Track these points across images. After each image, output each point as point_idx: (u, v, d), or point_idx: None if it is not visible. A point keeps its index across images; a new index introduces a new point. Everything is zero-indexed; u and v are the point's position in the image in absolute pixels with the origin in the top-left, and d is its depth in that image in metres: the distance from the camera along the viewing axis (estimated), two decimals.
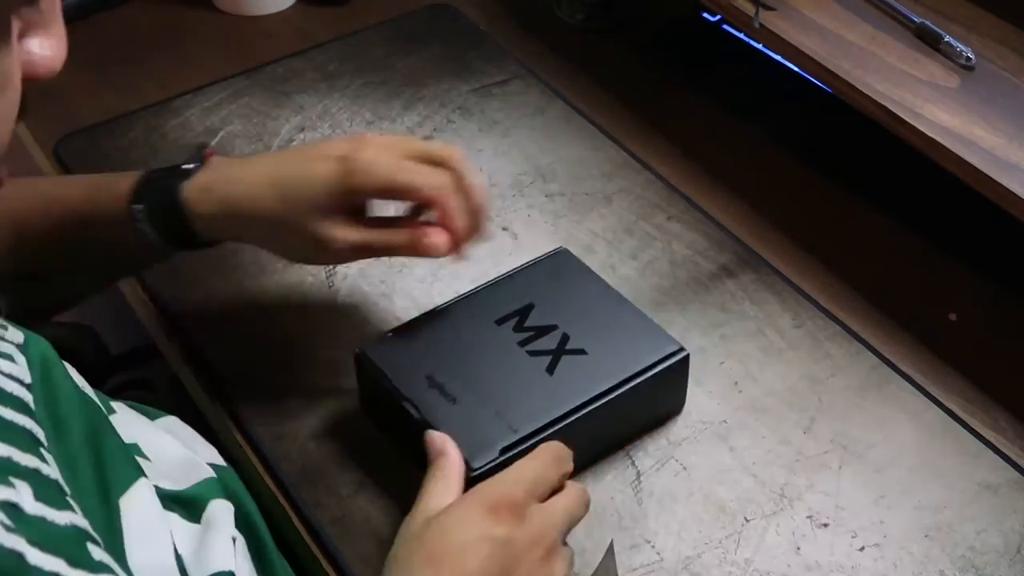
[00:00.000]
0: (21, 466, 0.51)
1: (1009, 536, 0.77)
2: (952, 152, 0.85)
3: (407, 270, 0.95)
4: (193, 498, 0.66)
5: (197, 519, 0.66)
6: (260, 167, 0.81)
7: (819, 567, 0.76)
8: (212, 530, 0.65)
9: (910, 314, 0.93)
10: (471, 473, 0.73)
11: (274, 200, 0.79)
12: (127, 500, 0.60)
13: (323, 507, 0.79)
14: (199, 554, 0.63)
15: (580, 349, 0.81)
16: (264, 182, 0.79)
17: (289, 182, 0.79)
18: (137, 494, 0.61)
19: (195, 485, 0.67)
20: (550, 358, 0.80)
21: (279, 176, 0.79)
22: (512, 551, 0.66)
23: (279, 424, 0.84)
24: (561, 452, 0.72)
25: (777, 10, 0.98)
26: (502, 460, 0.74)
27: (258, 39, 1.22)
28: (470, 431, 0.75)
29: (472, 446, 0.74)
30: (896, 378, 0.87)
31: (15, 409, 0.55)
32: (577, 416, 0.77)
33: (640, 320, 0.84)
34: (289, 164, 0.80)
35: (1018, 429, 0.85)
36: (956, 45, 0.93)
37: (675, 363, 0.81)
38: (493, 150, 1.07)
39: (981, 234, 0.98)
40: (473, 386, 0.78)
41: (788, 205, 1.03)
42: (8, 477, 0.49)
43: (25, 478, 0.50)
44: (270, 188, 0.79)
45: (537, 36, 1.23)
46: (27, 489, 0.49)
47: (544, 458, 0.71)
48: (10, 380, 0.56)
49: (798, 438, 0.83)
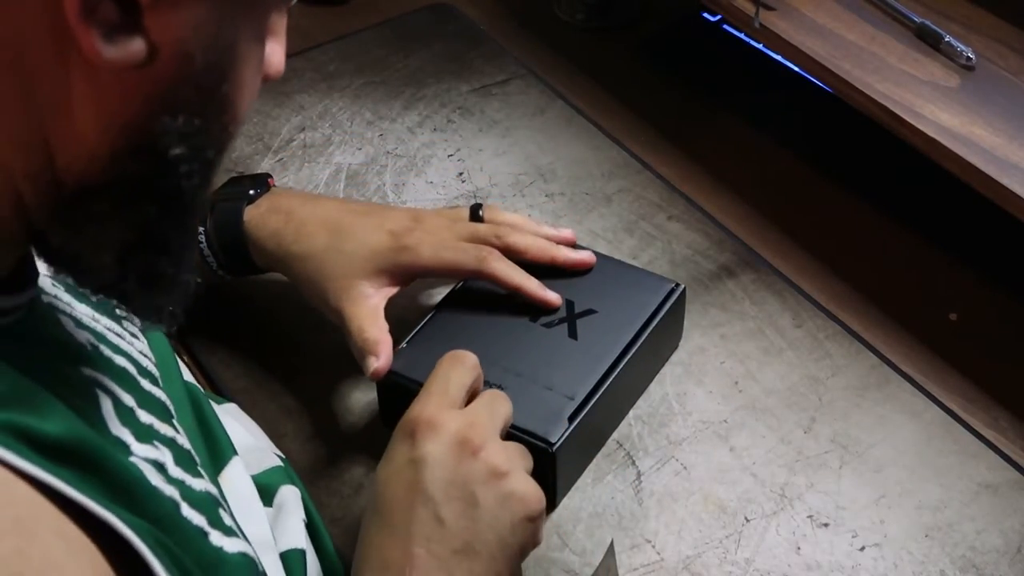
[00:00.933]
0: (161, 434, 0.56)
1: (1009, 536, 0.77)
2: (952, 152, 0.85)
3: None
4: (266, 482, 0.72)
5: (270, 503, 0.71)
6: (320, 210, 0.84)
7: (819, 567, 0.76)
8: (284, 512, 0.70)
9: (910, 314, 0.93)
10: (551, 449, 0.74)
11: (324, 248, 0.82)
12: (225, 477, 0.65)
13: (323, 507, 0.79)
14: (274, 532, 0.68)
15: (590, 310, 0.83)
16: (320, 226, 0.83)
17: (344, 235, 0.82)
18: (234, 472, 0.67)
19: (266, 471, 0.73)
20: (567, 325, 0.82)
21: (336, 226, 0.83)
22: (438, 461, 0.63)
23: (279, 424, 0.84)
24: (458, 355, 0.70)
25: (777, 10, 0.98)
26: (573, 428, 0.75)
27: None
28: (532, 412, 0.76)
29: (541, 424, 0.75)
30: (896, 378, 0.87)
31: (151, 383, 0.60)
32: (619, 367, 0.80)
33: (629, 270, 0.87)
34: (349, 217, 0.83)
35: (1018, 429, 0.85)
36: (956, 45, 0.93)
37: (677, 298, 0.85)
38: (493, 150, 1.07)
39: (981, 234, 0.98)
40: (513, 370, 0.79)
41: (788, 205, 1.03)
42: (153, 441, 0.53)
43: (166, 444, 0.55)
44: (325, 234, 0.82)
45: (537, 36, 1.23)
46: (168, 454, 0.54)
47: (441, 368, 0.69)
48: (144, 356, 0.62)
49: (798, 438, 0.83)
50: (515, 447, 0.68)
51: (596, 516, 0.78)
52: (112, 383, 0.55)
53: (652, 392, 0.86)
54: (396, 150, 1.07)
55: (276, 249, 0.83)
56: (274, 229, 0.84)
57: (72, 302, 0.60)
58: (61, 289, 0.60)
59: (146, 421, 0.55)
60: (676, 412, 0.85)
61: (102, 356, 0.57)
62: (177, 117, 0.46)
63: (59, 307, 0.58)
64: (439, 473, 0.63)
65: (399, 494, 0.63)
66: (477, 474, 0.63)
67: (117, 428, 0.52)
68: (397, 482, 0.64)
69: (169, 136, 0.46)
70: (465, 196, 1.02)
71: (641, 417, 0.84)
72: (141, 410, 0.55)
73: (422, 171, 1.05)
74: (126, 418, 0.53)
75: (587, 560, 0.75)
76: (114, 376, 0.56)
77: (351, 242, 0.81)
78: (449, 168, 1.05)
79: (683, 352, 0.89)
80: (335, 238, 0.82)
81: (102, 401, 0.53)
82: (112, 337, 0.60)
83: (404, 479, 0.63)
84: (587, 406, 0.77)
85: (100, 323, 0.60)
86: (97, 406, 0.52)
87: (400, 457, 0.64)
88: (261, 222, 0.84)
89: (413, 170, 1.05)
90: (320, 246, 0.82)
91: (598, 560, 0.75)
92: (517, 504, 0.64)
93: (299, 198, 0.86)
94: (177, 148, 0.47)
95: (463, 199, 1.02)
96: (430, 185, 1.03)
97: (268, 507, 0.70)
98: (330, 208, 0.85)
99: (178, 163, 0.47)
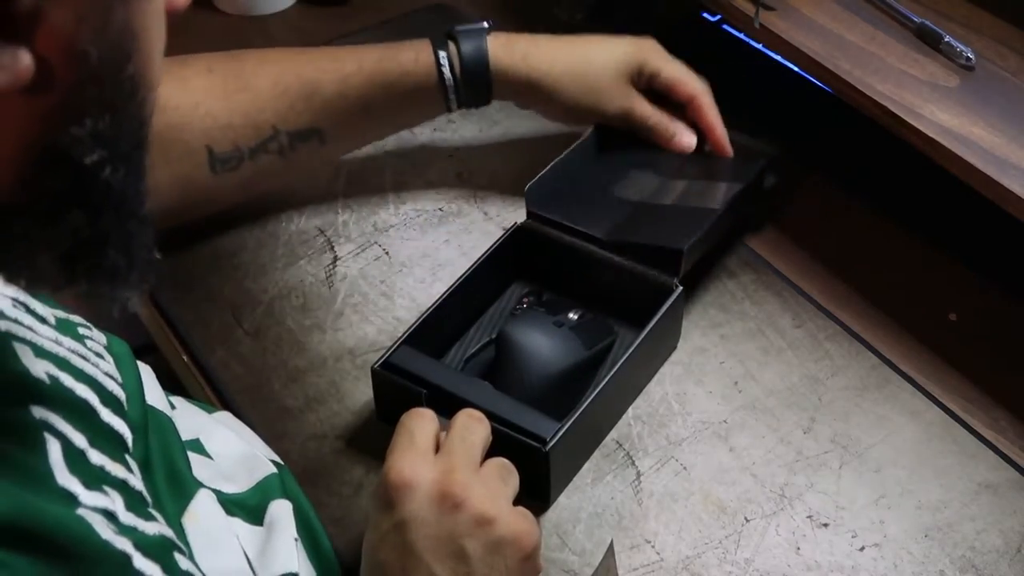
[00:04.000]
0: (112, 476, 0.52)
1: (1009, 536, 0.77)
2: (952, 152, 0.85)
3: (407, 270, 0.95)
4: (255, 501, 0.68)
5: (260, 521, 0.68)
6: (555, 39, 0.95)
7: (819, 567, 0.76)
8: (275, 532, 0.67)
9: (910, 314, 0.93)
10: (544, 448, 0.74)
11: (574, 55, 0.94)
12: (190, 513, 0.62)
13: (323, 507, 0.79)
14: (264, 556, 0.65)
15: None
16: (563, 45, 0.95)
17: (590, 45, 0.95)
18: (200, 507, 0.63)
19: (257, 485, 0.70)
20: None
21: (579, 42, 0.95)
22: (421, 520, 0.62)
23: (279, 424, 0.84)
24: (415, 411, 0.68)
25: (777, 10, 0.98)
26: (567, 428, 0.75)
27: (258, 39, 1.22)
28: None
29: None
30: (896, 378, 0.87)
31: (113, 411, 0.57)
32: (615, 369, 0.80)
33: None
34: (587, 40, 0.96)
35: (1018, 429, 0.85)
36: (956, 45, 0.93)
37: (675, 299, 0.85)
38: (493, 150, 1.07)
39: (981, 234, 0.98)
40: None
41: (788, 205, 1.03)
42: (103, 486, 0.50)
43: (117, 488, 0.52)
44: (569, 47, 0.95)
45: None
46: (120, 499, 0.51)
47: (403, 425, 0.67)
48: (108, 379, 0.59)
49: (798, 438, 0.83)
50: (496, 472, 0.66)
51: (596, 516, 0.78)
52: (64, 423, 0.52)
53: (652, 392, 0.86)
54: (396, 150, 1.07)
55: (519, 68, 0.93)
56: (524, 51, 0.93)
57: (34, 325, 0.57)
58: (23, 310, 0.58)
59: (97, 463, 0.52)
60: (676, 412, 0.85)
61: (61, 387, 0.54)
62: (84, 123, 0.43)
63: (18, 333, 0.55)
64: (424, 531, 0.61)
65: (391, 559, 0.62)
66: (463, 526, 0.62)
67: (65, 478, 0.49)
68: (386, 548, 0.62)
69: (81, 145, 0.43)
70: (465, 196, 1.02)
71: (641, 417, 0.84)
72: (93, 450, 0.52)
73: (422, 171, 1.05)
74: (75, 464, 0.50)
75: (587, 560, 0.75)
76: (69, 412, 0.53)
77: (601, 49, 0.95)
78: (449, 168, 1.05)
79: (683, 352, 0.89)
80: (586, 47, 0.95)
81: (50, 448, 0.50)
82: (76, 361, 0.58)
83: (392, 544, 0.62)
84: (581, 406, 0.77)
85: (63, 346, 0.58)
86: (45, 455, 0.49)
87: (384, 523, 0.63)
88: (507, 47, 0.93)
89: (413, 170, 1.05)
90: (574, 55, 0.94)
91: (598, 560, 0.75)
92: (509, 548, 0.63)
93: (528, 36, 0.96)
94: (93, 154, 0.43)
95: (463, 199, 1.02)
96: (430, 185, 1.03)
97: (259, 526, 0.67)
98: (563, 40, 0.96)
99: (100, 166, 0.44)
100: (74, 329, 0.61)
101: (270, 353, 0.89)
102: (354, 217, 1.00)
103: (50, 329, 0.59)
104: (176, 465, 0.65)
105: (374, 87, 0.91)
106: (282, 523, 0.68)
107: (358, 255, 0.97)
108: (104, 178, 0.44)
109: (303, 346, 0.90)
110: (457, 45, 0.92)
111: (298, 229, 0.99)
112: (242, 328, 0.91)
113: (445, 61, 0.91)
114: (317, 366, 0.88)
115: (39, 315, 0.59)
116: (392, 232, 0.99)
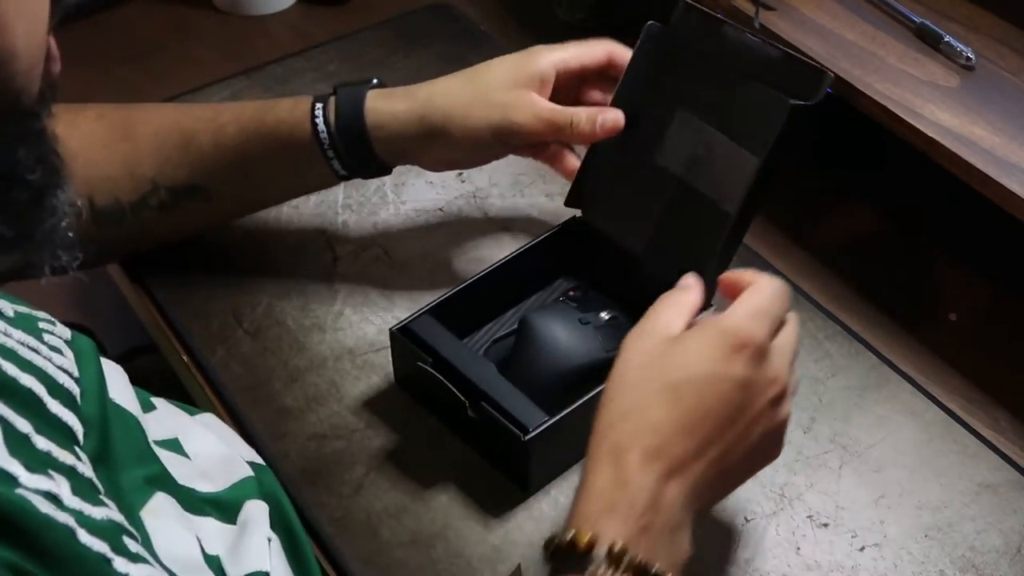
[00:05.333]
0: (59, 462, 0.52)
1: (1009, 536, 0.77)
2: (952, 152, 0.85)
3: (407, 270, 0.95)
4: (230, 500, 0.68)
5: (233, 520, 0.67)
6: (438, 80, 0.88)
7: (819, 567, 0.76)
8: (248, 531, 0.66)
9: (910, 314, 0.93)
10: (523, 437, 0.75)
11: (464, 78, 0.86)
12: (147, 511, 0.61)
13: (323, 507, 0.79)
14: (235, 554, 0.64)
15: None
16: (449, 77, 0.87)
17: (478, 68, 0.87)
18: (156, 506, 0.62)
19: (233, 486, 0.69)
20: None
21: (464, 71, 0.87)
22: (749, 393, 0.65)
23: (279, 424, 0.84)
24: (784, 287, 0.70)
25: (777, 10, 0.98)
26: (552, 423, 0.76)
27: (258, 39, 1.22)
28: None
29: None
30: (896, 378, 0.87)
31: (63, 403, 0.56)
32: None
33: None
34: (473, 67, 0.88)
35: (1018, 429, 0.85)
36: (956, 45, 0.93)
37: None
38: None
39: (981, 234, 0.98)
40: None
41: (788, 205, 1.03)
42: (48, 471, 0.50)
43: (63, 473, 0.51)
44: (455, 76, 0.87)
45: (537, 36, 1.21)
46: (65, 483, 0.51)
47: (771, 293, 0.69)
48: (61, 372, 0.58)
49: (798, 438, 0.83)
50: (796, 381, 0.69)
51: None
52: (6, 408, 0.51)
53: None
54: None
55: (408, 113, 0.85)
56: (404, 93, 0.87)
57: None
58: None
59: (43, 448, 0.52)
60: None
61: (4, 376, 0.53)
62: None
63: None
64: (747, 403, 0.65)
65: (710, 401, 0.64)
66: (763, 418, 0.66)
67: (4, 459, 0.48)
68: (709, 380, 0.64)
69: None
70: (465, 196, 1.02)
71: None
72: (39, 436, 0.52)
73: (422, 171, 1.05)
74: (17, 447, 0.50)
75: None
76: (11, 399, 0.52)
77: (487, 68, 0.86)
78: None
79: None
80: (473, 73, 0.86)
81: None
82: (24, 352, 0.57)
83: (719, 388, 0.64)
84: (575, 403, 0.77)
85: (12, 337, 0.57)
86: None
87: (719, 362, 0.65)
88: (386, 96, 0.87)
89: (413, 170, 1.05)
90: (459, 78, 0.86)
91: None
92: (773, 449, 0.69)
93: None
94: None
95: (463, 199, 1.02)
96: (430, 185, 1.03)
97: (232, 525, 0.67)
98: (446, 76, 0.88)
99: None
100: (33, 323, 0.60)
101: (270, 353, 0.89)
102: (354, 217, 1.00)
103: (1, 322, 0.58)
104: (141, 464, 0.64)
105: (248, 137, 0.87)
106: (256, 523, 0.67)
107: (358, 255, 0.97)
108: None
109: (303, 346, 0.90)
110: (337, 96, 0.87)
111: (298, 229, 0.99)
112: (242, 328, 0.91)
113: (320, 112, 0.86)
114: (317, 366, 0.88)
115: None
116: (392, 232, 0.99)
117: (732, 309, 0.67)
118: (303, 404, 0.86)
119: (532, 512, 0.79)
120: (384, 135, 0.86)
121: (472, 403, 0.78)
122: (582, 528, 0.61)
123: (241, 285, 0.94)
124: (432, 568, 0.76)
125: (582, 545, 0.60)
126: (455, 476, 0.81)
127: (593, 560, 0.60)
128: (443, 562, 0.76)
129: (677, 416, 0.63)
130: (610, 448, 0.63)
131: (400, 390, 0.86)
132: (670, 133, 0.83)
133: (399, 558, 0.77)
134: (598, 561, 0.60)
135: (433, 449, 0.82)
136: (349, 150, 0.86)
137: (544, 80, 0.85)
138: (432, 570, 0.76)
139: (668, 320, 0.68)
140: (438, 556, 0.77)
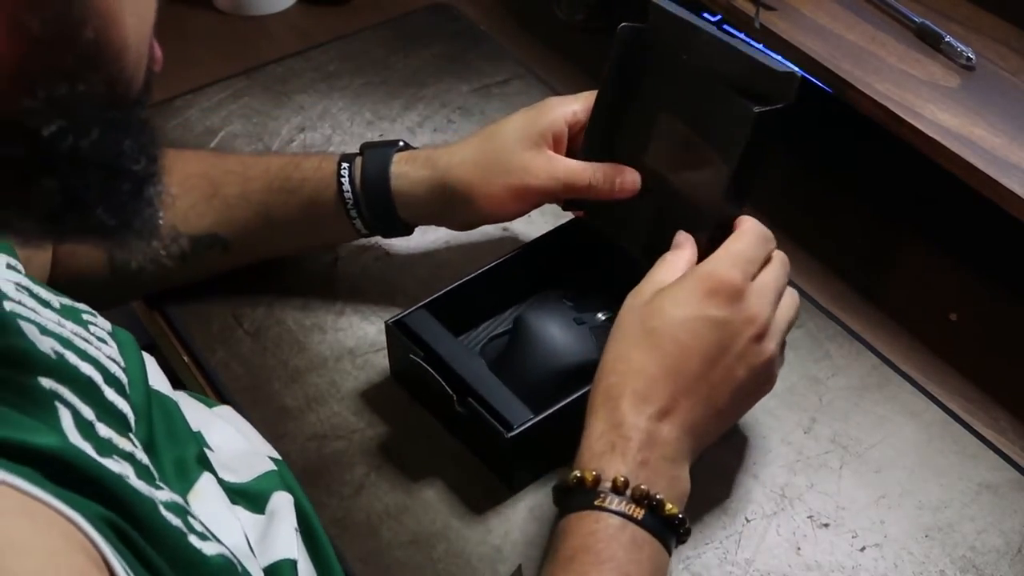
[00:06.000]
0: (120, 448, 0.54)
1: (1009, 536, 0.78)
2: (952, 152, 0.85)
3: (407, 270, 0.95)
4: (257, 491, 0.70)
5: (261, 510, 0.69)
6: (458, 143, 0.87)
7: (819, 567, 0.76)
8: (276, 520, 0.68)
9: (910, 314, 0.93)
10: (507, 434, 0.75)
11: (476, 141, 0.85)
12: (195, 493, 0.63)
13: (323, 507, 0.79)
14: (264, 542, 0.66)
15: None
16: (465, 139, 0.87)
17: (489, 127, 0.86)
18: (204, 487, 0.64)
19: (258, 478, 0.71)
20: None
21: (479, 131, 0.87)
22: (727, 331, 0.69)
23: (279, 424, 0.84)
24: (766, 231, 0.75)
25: (777, 10, 0.98)
26: (536, 422, 0.76)
27: (258, 39, 1.22)
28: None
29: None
30: (896, 378, 0.87)
31: (116, 391, 0.58)
32: None
33: None
34: (487, 127, 0.87)
35: (1018, 429, 0.85)
36: (956, 45, 0.93)
37: None
38: None
39: (981, 234, 0.98)
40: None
41: (788, 205, 1.03)
42: (113, 455, 0.52)
43: (126, 459, 0.53)
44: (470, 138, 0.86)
45: (537, 36, 1.23)
46: (130, 468, 0.53)
47: (752, 237, 0.74)
48: (112, 362, 0.60)
49: (798, 438, 0.83)
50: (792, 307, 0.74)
51: None
52: (73, 395, 0.53)
53: None
54: None
55: (431, 179, 0.85)
56: (425, 157, 0.86)
57: (37, 308, 0.58)
58: (26, 294, 0.59)
59: (105, 435, 0.53)
60: None
61: (67, 364, 0.55)
62: (36, 93, 0.41)
63: (22, 314, 0.56)
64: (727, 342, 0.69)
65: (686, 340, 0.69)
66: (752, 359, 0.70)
67: (78, 441, 0.50)
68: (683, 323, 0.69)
69: (36, 115, 0.42)
70: None
71: None
72: (100, 423, 0.53)
73: None
74: (86, 432, 0.51)
75: None
76: (77, 387, 0.54)
77: (499, 128, 0.85)
78: None
79: None
80: (487, 135, 0.86)
81: (61, 415, 0.51)
82: (79, 342, 0.58)
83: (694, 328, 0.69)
84: (562, 402, 0.76)
85: (66, 328, 0.59)
86: (57, 419, 0.50)
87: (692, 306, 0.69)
88: (410, 158, 0.86)
89: None
90: (475, 142, 0.85)
91: None
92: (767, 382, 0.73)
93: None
94: (51, 124, 0.42)
95: None
96: None
97: (260, 515, 0.68)
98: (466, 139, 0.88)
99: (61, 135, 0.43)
100: (78, 315, 0.62)
101: (270, 353, 0.89)
102: None
103: (53, 312, 0.60)
104: (182, 447, 0.66)
105: (273, 192, 0.87)
106: (283, 512, 0.69)
107: (358, 255, 0.97)
108: (68, 146, 0.43)
109: (303, 346, 0.90)
110: (363, 158, 0.87)
111: None
112: (242, 328, 0.91)
113: (346, 172, 0.86)
114: (317, 366, 0.88)
115: (42, 299, 0.60)
116: None
117: (713, 255, 0.72)
118: (303, 404, 0.86)
119: (533, 512, 0.79)
120: (407, 201, 0.86)
121: (460, 398, 0.78)
122: (586, 468, 0.66)
123: (241, 285, 0.93)
124: (432, 568, 0.76)
125: (588, 482, 0.65)
126: (456, 476, 0.81)
127: (599, 494, 0.65)
128: (443, 562, 0.76)
129: (659, 359, 0.69)
130: (604, 395, 0.69)
131: (400, 390, 0.86)
132: (655, 135, 0.83)
133: (399, 558, 0.77)
134: (605, 492, 0.65)
135: (434, 449, 0.82)
136: (373, 212, 0.86)
137: (557, 135, 0.85)
138: (432, 570, 0.76)
139: (661, 277, 0.73)
140: (438, 556, 0.77)
